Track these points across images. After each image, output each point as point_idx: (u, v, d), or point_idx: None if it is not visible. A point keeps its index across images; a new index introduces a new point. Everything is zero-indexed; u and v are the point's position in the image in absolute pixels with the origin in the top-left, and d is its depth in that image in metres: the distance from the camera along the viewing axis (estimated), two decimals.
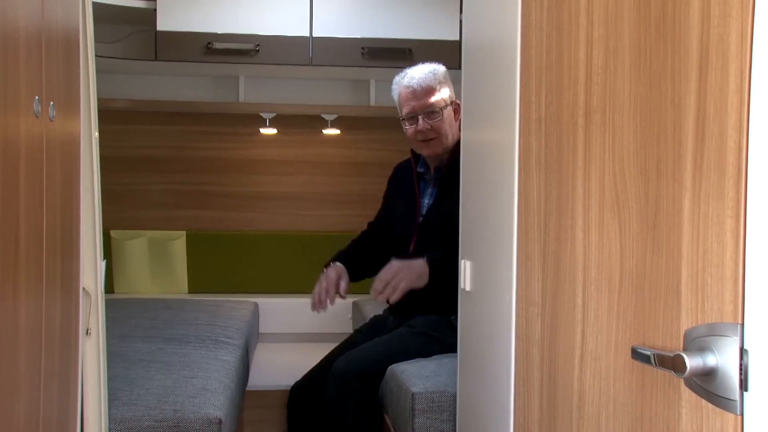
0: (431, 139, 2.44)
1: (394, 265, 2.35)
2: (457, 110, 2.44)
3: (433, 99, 2.43)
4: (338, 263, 2.57)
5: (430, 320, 2.41)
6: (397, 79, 2.51)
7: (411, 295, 2.44)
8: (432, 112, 2.43)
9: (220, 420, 1.81)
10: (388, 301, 2.47)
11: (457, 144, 2.38)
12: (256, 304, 3.41)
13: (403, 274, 2.32)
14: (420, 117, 2.43)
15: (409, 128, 2.47)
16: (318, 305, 2.47)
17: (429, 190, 2.53)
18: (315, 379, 2.49)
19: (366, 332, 2.62)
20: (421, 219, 2.50)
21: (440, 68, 2.49)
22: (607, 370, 1.03)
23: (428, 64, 2.50)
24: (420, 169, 2.55)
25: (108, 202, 1.82)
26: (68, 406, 1.33)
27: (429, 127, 2.43)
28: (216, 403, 1.88)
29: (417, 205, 2.53)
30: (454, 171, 2.35)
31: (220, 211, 3.68)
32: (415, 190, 2.56)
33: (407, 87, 2.45)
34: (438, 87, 2.44)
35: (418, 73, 2.45)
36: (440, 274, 2.32)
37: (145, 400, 1.86)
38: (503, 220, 1.43)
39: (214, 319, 2.91)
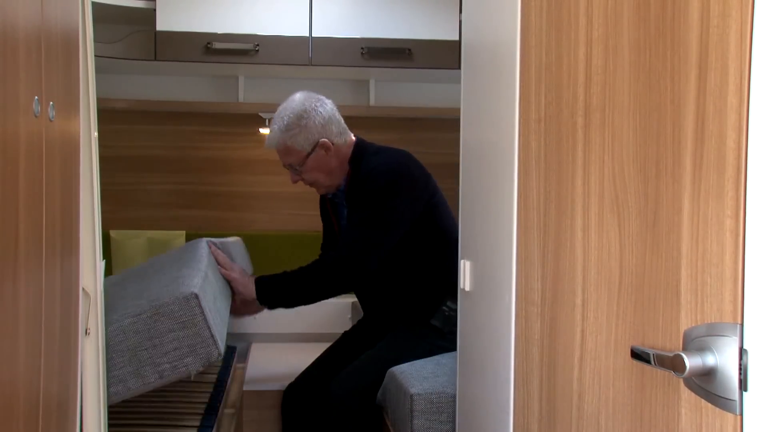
0: (310, 185, 2.46)
1: (236, 268, 2.37)
2: (327, 147, 2.37)
3: (290, 159, 2.39)
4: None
5: (411, 326, 2.44)
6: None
7: (389, 308, 2.47)
8: (293, 168, 2.41)
9: (196, 295, 1.77)
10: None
11: (351, 162, 2.41)
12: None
13: (234, 274, 2.34)
14: (290, 170, 2.44)
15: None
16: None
17: (343, 212, 2.53)
18: (308, 380, 2.50)
19: (354, 335, 2.65)
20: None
21: (291, 116, 2.35)
22: (607, 370, 1.03)
23: (286, 107, 2.39)
24: (329, 196, 2.54)
25: (107, 202, 1.82)
26: (68, 406, 1.33)
27: (299, 178, 2.43)
28: (189, 283, 1.85)
29: (336, 230, 2.56)
30: (353, 188, 2.40)
31: (220, 211, 3.68)
32: (331, 216, 2.58)
33: (268, 147, 2.43)
34: (290, 143, 2.35)
35: (272, 133, 2.38)
36: (268, 295, 2.35)
37: (121, 305, 1.84)
38: (503, 220, 1.43)
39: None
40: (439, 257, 2.41)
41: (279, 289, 2.38)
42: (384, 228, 2.33)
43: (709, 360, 0.79)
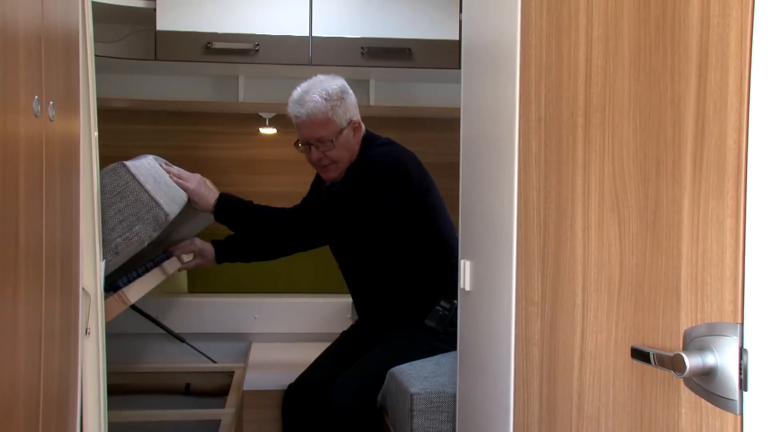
0: (327, 165, 2.38)
1: (193, 179, 2.33)
2: (357, 128, 2.37)
3: (323, 131, 2.32)
4: (211, 244, 2.45)
5: (407, 327, 2.43)
6: (293, 95, 2.37)
7: (382, 309, 2.47)
8: (323, 142, 2.33)
9: (123, 164, 1.75)
10: None
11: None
12: None
13: (190, 185, 2.30)
14: (313, 146, 2.35)
15: (305, 154, 2.41)
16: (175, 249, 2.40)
17: None
18: (309, 380, 2.50)
19: (353, 335, 2.65)
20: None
21: (333, 87, 2.32)
22: (607, 369, 1.03)
23: (323, 80, 2.36)
24: (327, 184, 2.51)
25: None
26: (68, 406, 1.33)
27: (322, 155, 2.35)
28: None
29: None
30: (348, 174, 2.36)
31: None
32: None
33: (296, 117, 2.33)
34: (330, 113, 2.30)
35: (309, 100, 2.30)
36: (225, 214, 2.35)
37: None
38: (503, 220, 1.43)
39: None
40: (431, 257, 2.41)
41: (238, 213, 2.35)
42: (358, 207, 2.29)
43: (710, 360, 0.79)
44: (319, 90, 2.31)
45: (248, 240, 2.45)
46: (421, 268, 2.42)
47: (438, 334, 2.37)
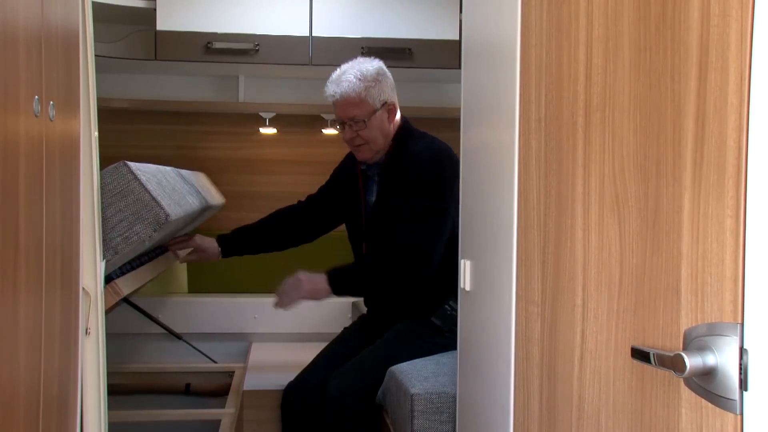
0: (359, 145, 2.43)
1: (300, 277, 2.39)
2: (392, 110, 2.42)
3: (356, 111, 2.38)
4: (214, 239, 2.62)
5: (411, 323, 2.43)
6: (332, 75, 2.43)
7: (390, 301, 2.47)
8: (356, 122, 2.39)
9: (125, 163, 1.76)
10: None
11: (396, 140, 2.41)
12: None
13: (301, 287, 2.38)
14: (347, 125, 2.41)
15: (340, 132, 2.48)
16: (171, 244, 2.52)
17: (373, 187, 2.52)
18: (307, 380, 2.49)
19: (354, 332, 2.65)
20: (367, 222, 2.51)
21: (369, 68, 2.39)
22: (607, 369, 1.03)
23: (362, 62, 2.43)
24: (363, 167, 2.53)
25: None
26: (68, 406, 1.33)
27: (355, 135, 2.40)
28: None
29: (362, 205, 2.54)
30: (393, 168, 2.37)
31: (220, 210, 3.68)
32: (360, 189, 2.55)
33: (332, 96, 2.40)
34: (364, 94, 2.36)
35: (345, 80, 2.37)
36: (344, 285, 2.38)
37: None
38: (503, 220, 1.43)
39: None
40: (450, 255, 2.41)
41: (351, 281, 2.40)
42: (440, 217, 2.31)
43: (710, 360, 0.79)
44: (355, 71, 2.38)
45: (256, 232, 2.56)
46: (440, 265, 2.41)
47: (442, 333, 2.36)
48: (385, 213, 2.42)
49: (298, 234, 2.72)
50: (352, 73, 2.37)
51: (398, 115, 2.47)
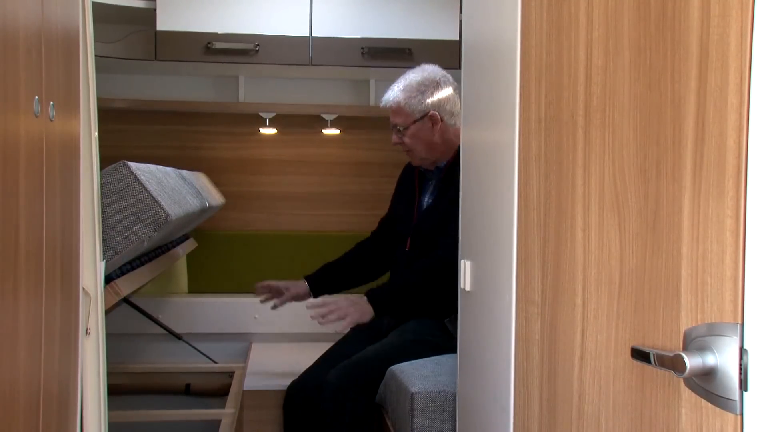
0: (406, 151, 2.51)
1: (341, 302, 2.39)
2: (435, 121, 2.44)
3: (397, 119, 2.46)
4: (305, 282, 2.66)
5: (423, 324, 2.42)
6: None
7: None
8: (397, 130, 2.47)
9: (125, 162, 1.76)
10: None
11: (453, 148, 2.42)
12: None
13: (349, 311, 2.36)
14: (394, 131, 2.49)
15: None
16: (261, 289, 2.65)
17: (431, 190, 2.54)
18: (311, 379, 2.49)
19: (360, 332, 2.63)
20: (417, 219, 2.51)
21: (416, 78, 2.46)
22: (607, 369, 1.03)
23: (417, 70, 2.49)
24: (421, 169, 2.56)
25: None
26: (68, 406, 1.33)
27: (400, 141, 2.48)
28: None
29: (416, 204, 2.54)
30: (454, 172, 2.37)
31: (220, 210, 3.69)
32: (416, 189, 2.56)
33: (382, 102, 2.52)
34: (404, 104, 2.43)
35: (392, 88, 2.47)
36: (384, 306, 2.39)
37: None
38: (503, 220, 1.43)
39: None
40: None
41: (391, 300, 2.42)
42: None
43: (710, 360, 0.79)
44: (404, 79, 2.47)
45: (343, 268, 2.63)
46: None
47: (452, 337, 2.36)
48: (437, 215, 2.43)
49: (383, 262, 2.72)
50: (400, 82, 2.47)
51: (458, 123, 2.43)
